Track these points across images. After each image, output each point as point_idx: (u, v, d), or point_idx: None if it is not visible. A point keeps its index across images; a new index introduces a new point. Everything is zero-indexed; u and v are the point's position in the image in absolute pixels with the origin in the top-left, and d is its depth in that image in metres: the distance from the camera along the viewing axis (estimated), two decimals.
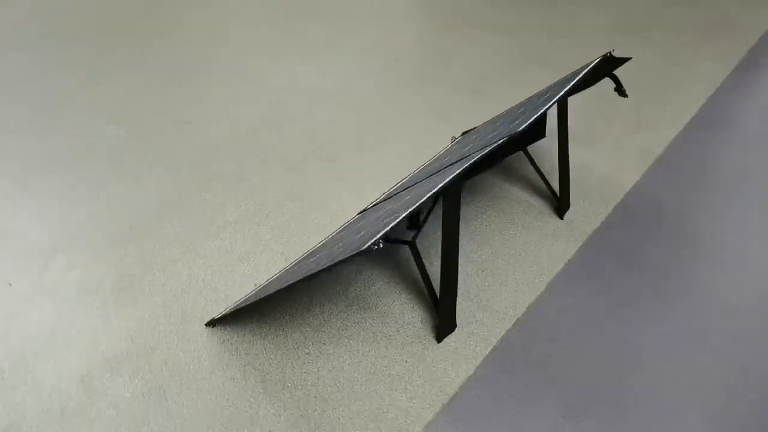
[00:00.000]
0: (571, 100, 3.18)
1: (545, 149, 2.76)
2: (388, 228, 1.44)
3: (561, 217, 2.42)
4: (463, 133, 2.76)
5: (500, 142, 1.79)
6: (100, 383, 1.77)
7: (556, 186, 2.53)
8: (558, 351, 1.89)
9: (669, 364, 1.85)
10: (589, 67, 2.17)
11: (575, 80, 2.07)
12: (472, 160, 1.72)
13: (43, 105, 3.12)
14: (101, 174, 2.60)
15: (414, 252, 1.97)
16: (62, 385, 1.77)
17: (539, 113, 1.98)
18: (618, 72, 3.43)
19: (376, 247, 1.35)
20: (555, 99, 2.00)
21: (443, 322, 1.93)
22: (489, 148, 1.76)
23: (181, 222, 2.34)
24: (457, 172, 1.68)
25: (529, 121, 1.89)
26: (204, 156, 2.72)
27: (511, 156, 2.72)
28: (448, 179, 1.64)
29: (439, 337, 1.92)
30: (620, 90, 2.47)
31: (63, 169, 2.64)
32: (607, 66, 2.38)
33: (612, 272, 2.18)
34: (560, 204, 2.42)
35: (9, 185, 2.55)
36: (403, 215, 1.50)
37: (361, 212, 2.27)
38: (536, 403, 1.75)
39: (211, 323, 1.93)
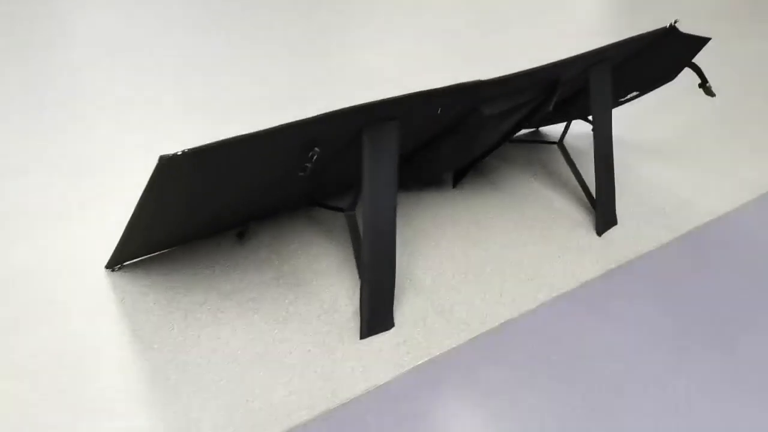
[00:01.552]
0: (668, 104, 2.64)
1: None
2: None
3: (599, 233, 1.93)
4: None
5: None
6: None
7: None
8: (509, 385, 1.43)
9: None
10: (632, 39, 1.71)
11: (598, 52, 1.61)
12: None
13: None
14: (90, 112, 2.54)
15: (351, 223, 1.62)
16: None
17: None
18: (751, 70, 2.83)
19: None
20: (562, 70, 1.57)
21: (369, 315, 1.54)
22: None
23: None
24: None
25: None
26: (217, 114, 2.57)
27: (558, 156, 2.26)
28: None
29: (363, 332, 1.54)
30: (705, 86, 1.96)
31: (65, 103, 2.62)
32: (681, 49, 1.89)
33: (639, 309, 1.66)
34: (597, 216, 1.94)
35: (19, 119, 2.57)
36: None
37: None
38: None
39: (110, 265, 1.70)
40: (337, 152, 1.47)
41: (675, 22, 1.70)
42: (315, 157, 1.32)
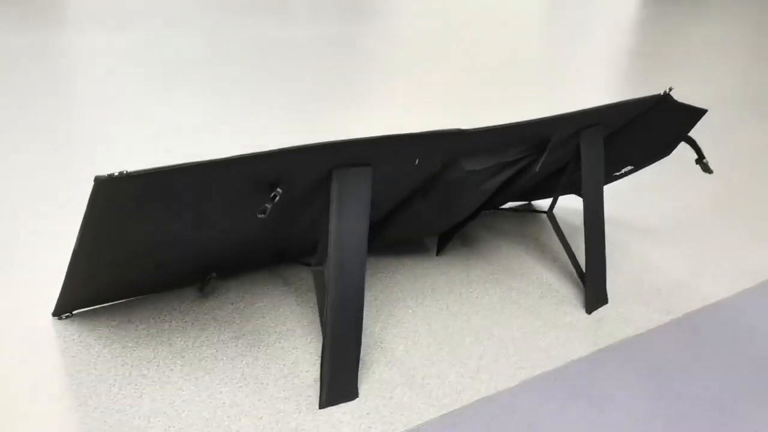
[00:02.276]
0: (663, 184, 2.57)
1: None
2: None
3: (588, 311, 1.81)
4: None
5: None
6: None
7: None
8: None
9: None
10: (625, 103, 1.66)
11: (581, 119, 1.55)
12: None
13: None
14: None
15: (318, 280, 1.51)
16: None
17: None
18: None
19: None
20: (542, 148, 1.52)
21: (331, 382, 1.41)
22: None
23: None
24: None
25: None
26: None
27: (549, 229, 2.17)
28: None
29: (323, 401, 1.41)
30: (702, 162, 1.90)
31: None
32: (676, 121, 1.83)
33: (627, 393, 1.53)
34: (587, 294, 1.83)
35: None
36: None
37: None
38: None
39: (57, 313, 1.59)
40: (304, 200, 1.38)
41: (669, 89, 1.66)
42: (277, 198, 1.23)
